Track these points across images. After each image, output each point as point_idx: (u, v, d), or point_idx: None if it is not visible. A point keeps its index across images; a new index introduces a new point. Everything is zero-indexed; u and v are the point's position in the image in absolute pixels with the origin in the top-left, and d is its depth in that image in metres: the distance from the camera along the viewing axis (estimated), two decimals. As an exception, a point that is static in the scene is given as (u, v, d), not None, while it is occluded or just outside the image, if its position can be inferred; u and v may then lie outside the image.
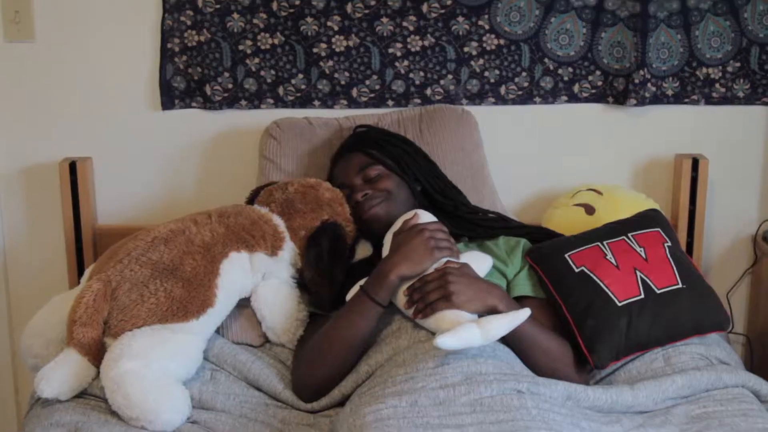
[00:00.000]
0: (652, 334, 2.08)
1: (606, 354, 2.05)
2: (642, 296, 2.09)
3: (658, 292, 2.10)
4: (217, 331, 2.22)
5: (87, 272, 2.22)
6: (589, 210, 2.63)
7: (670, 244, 2.21)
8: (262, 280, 2.24)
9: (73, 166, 2.67)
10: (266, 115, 2.67)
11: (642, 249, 2.17)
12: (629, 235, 2.21)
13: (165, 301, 2.06)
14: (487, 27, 2.69)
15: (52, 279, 2.77)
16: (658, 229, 2.24)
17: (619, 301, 2.08)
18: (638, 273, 2.13)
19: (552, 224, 2.59)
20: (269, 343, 2.27)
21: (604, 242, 2.19)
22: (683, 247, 2.72)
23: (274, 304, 2.22)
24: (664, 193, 2.82)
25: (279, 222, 2.27)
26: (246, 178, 2.67)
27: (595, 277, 2.12)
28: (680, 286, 2.13)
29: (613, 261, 2.16)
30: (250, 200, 2.40)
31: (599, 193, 2.65)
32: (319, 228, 2.27)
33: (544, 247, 2.27)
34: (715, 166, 2.78)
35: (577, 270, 2.14)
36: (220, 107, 2.70)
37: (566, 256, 2.18)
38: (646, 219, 2.31)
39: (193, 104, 2.71)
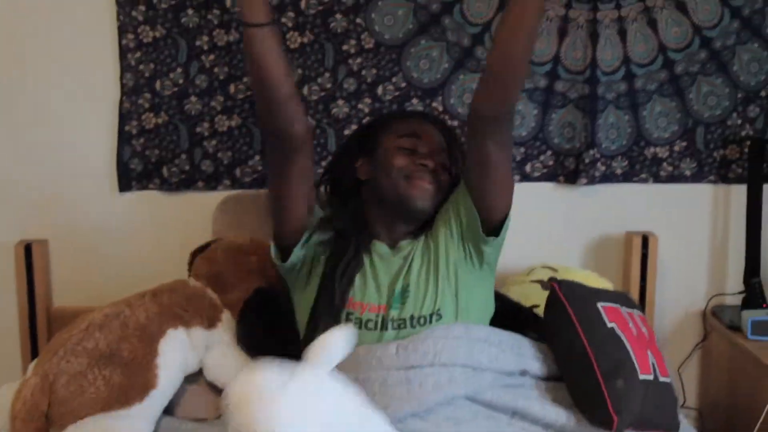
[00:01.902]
0: (655, 418, 1.98)
1: (628, 419, 1.91)
2: (652, 378, 1.99)
3: (660, 380, 2.01)
4: (166, 409, 2.09)
5: (34, 362, 2.11)
6: (545, 286, 2.63)
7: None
8: (207, 353, 2.15)
9: (28, 249, 2.59)
10: (223, 197, 2.60)
11: (646, 330, 2.09)
12: (635, 311, 2.12)
13: (105, 389, 1.96)
14: (441, 108, 2.67)
15: (6, 363, 2.68)
16: (642, 314, 2.17)
17: (640, 374, 1.96)
18: (649, 353, 2.03)
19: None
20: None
21: (623, 308, 2.08)
22: (636, 322, 2.75)
23: (230, 368, 2.12)
24: (615, 270, 2.77)
25: (213, 296, 2.21)
26: None
27: (624, 341, 1.99)
28: (670, 380, 2.06)
29: (634, 331, 2.04)
30: (190, 268, 2.33)
31: (554, 270, 2.66)
32: (250, 299, 2.19)
33: (576, 286, 2.13)
34: (664, 243, 2.75)
35: (609, 325, 2.01)
36: (178, 189, 2.65)
37: (599, 305, 2.05)
38: (630, 299, 2.24)
39: (151, 186, 2.65)
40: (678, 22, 2.68)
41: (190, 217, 2.68)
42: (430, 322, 1.95)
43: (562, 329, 2.01)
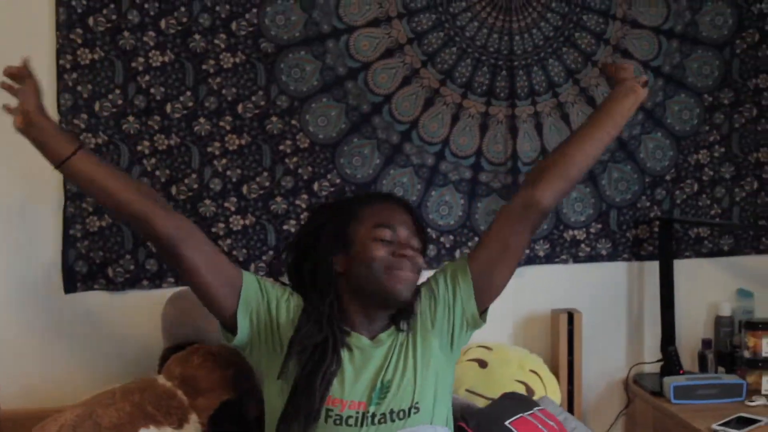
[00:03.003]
0: None
1: None
2: None
3: None
4: None
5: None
6: (482, 364, 2.76)
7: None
8: None
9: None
10: (167, 294, 2.62)
11: (554, 423, 2.21)
12: (535, 410, 2.24)
13: None
14: (372, 200, 2.85)
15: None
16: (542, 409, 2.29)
17: None
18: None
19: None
20: None
21: (527, 414, 2.20)
22: (564, 394, 2.88)
23: None
24: (544, 345, 2.93)
25: (183, 398, 2.23)
26: (152, 352, 2.60)
27: None
28: None
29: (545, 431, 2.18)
30: (161, 365, 2.36)
31: (489, 348, 2.79)
32: (219, 411, 2.22)
33: (482, 416, 2.20)
34: (587, 318, 2.90)
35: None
36: (123, 288, 2.69)
37: (507, 424, 2.15)
38: (527, 400, 2.35)
39: (96, 286, 2.68)
40: (588, 115, 2.89)
41: (136, 314, 2.71)
42: (409, 415, 1.97)
43: None
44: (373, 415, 1.96)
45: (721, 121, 2.98)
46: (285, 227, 2.76)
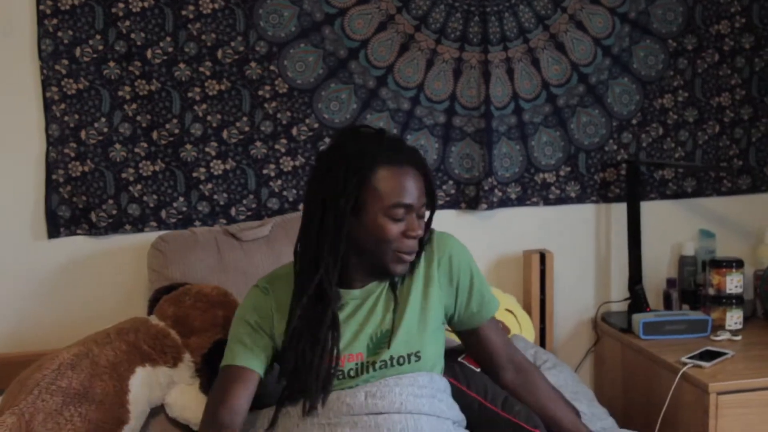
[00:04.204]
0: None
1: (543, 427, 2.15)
2: None
3: None
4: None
5: (-1, 400, 2.16)
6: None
7: None
8: (168, 389, 2.25)
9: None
10: (150, 238, 2.69)
11: None
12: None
13: (82, 425, 2.05)
14: (348, 146, 2.91)
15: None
16: None
17: None
18: None
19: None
20: None
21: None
22: (537, 332, 2.96)
23: (192, 406, 2.21)
24: (516, 286, 3.02)
25: (176, 337, 2.28)
26: (137, 293, 2.71)
27: None
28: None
29: None
30: (151, 306, 2.41)
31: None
32: (212, 350, 2.25)
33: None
34: (557, 259, 3.02)
35: (478, 370, 2.22)
36: (106, 233, 2.73)
37: (460, 360, 2.25)
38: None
39: (79, 231, 2.72)
40: (558, 61, 2.97)
41: (119, 257, 2.76)
42: (409, 362, 2.03)
43: (460, 394, 2.17)
44: (373, 363, 2.01)
45: (684, 66, 3.08)
46: (264, 171, 2.81)
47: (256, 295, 2.08)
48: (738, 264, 2.92)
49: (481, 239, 3.01)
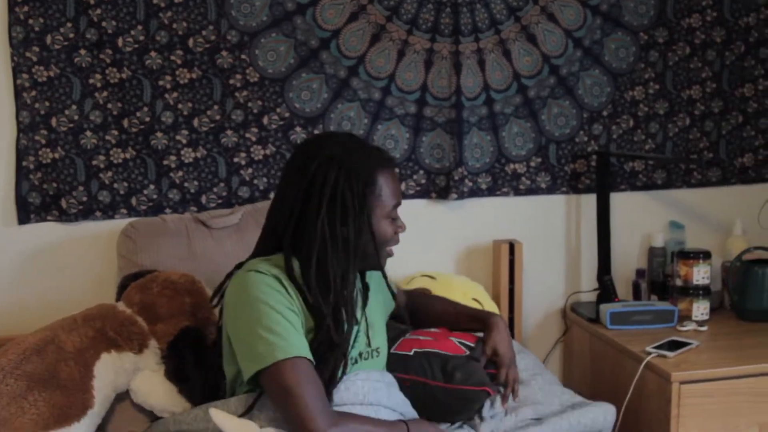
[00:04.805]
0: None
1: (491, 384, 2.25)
2: (468, 352, 2.29)
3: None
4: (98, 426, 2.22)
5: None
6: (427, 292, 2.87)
7: None
8: (134, 376, 2.26)
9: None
10: (120, 225, 2.69)
11: (434, 329, 2.42)
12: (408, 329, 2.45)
13: (46, 410, 2.06)
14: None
15: None
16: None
17: (462, 355, 2.27)
18: (453, 339, 2.33)
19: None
20: (153, 423, 2.26)
21: (407, 336, 2.38)
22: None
23: (157, 393, 2.24)
24: (485, 275, 3.05)
25: (143, 324, 2.30)
26: (107, 279, 2.71)
27: (430, 350, 2.29)
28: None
29: (427, 338, 2.34)
30: (119, 293, 2.42)
31: (433, 278, 2.88)
32: (178, 337, 2.28)
33: None
34: (527, 249, 3.03)
35: (411, 353, 2.29)
36: (76, 219, 2.73)
37: (392, 350, 2.31)
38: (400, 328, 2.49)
39: (49, 218, 2.72)
40: (529, 52, 2.99)
41: (89, 244, 2.77)
42: (372, 357, 2.13)
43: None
44: (352, 359, 2.07)
45: (655, 59, 3.10)
46: (235, 160, 2.83)
47: (272, 282, 1.97)
48: (705, 255, 2.95)
49: (451, 229, 3.03)
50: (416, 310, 2.48)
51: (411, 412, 2.13)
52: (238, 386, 2.06)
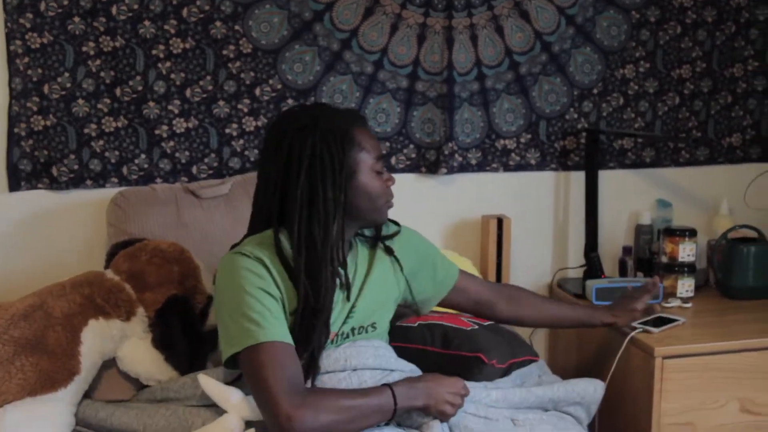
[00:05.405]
0: (505, 350, 2.34)
1: (488, 352, 2.29)
2: (476, 326, 2.37)
3: (485, 324, 2.41)
4: (85, 392, 2.25)
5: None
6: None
7: None
8: (121, 343, 2.28)
9: None
10: (111, 194, 2.70)
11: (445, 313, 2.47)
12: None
13: (33, 374, 2.09)
14: (312, 107, 2.92)
15: None
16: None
17: (466, 328, 2.34)
18: (463, 318, 2.41)
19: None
20: (139, 391, 2.29)
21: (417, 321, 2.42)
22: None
23: (143, 361, 2.26)
24: (473, 250, 3.06)
25: (131, 291, 2.31)
26: (97, 247, 2.72)
27: (434, 322, 2.35)
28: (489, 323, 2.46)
29: (437, 314, 2.42)
30: (108, 261, 2.43)
31: (420, 252, 2.93)
32: (165, 305, 2.30)
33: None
34: (515, 224, 3.05)
35: (415, 324, 2.34)
36: (67, 187, 2.74)
37: (397, 324, 2.36)
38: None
39: (40, 185, 2.72)
40: (521, 29, 3.00)
41: (80, 211, 2.78)
42: (367, 331, 2.15)
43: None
44: (343, 333, 2.11)
45: (647, 37, 3.11)
46: (227, 131, 2.83)
47: (254, 265, 1.97)
48: (691, 233, 2.97)
49: (440, 203, 3.05)
50: (518, 302, 2.50)
51: (408, 369, 2.11)
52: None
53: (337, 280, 2.03)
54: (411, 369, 2.12)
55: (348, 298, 2.09)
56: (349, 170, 2.02)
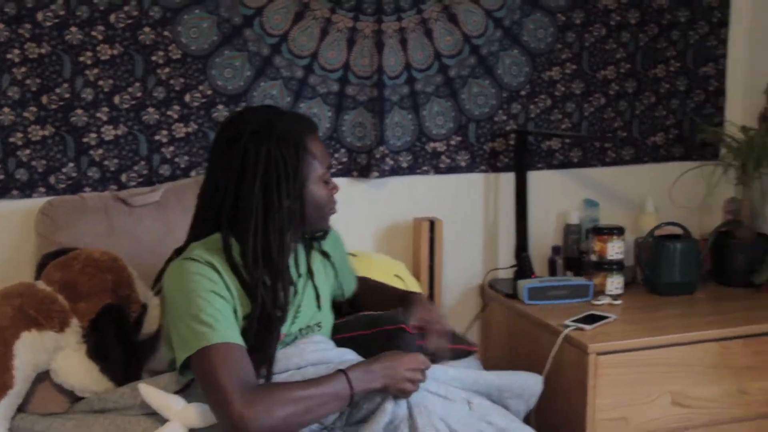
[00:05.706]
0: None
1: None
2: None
3: None
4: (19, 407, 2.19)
5: None
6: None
7: None
8: (55, 355, 2.23)
9: None
10: (38, 204, 2.64)
11: None
12: None
13: None
14: (242, 113, 2.91)
15: None
16: None
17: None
18: None
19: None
20: (75, 403, 2.24)
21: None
22: (426, 298, 3.07)
23: (78, 372, 2.21)
24: (406, 252, 3.08)
25: (64, 302, 2.27)
26: (24, 258, 2.66)
27: (365, 314, 2.34)
28: None
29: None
30: (39, 271, 2.38)
31: (353, 255, 2.92)
32: (100, 315, 2.26)
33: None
34: (446, 227, 3.08)
35: (346, 318, 2.34)
36: (-8, 197, 2.68)
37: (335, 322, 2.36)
38: None
39: (-35, 196, 2.67)
40: (450, 32, 3.02)
41: (6, 223, 2.72)
42: (313, 332, 2.17)
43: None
44: (291, 334, 2.12)
45: (572, 39, 3.17)
46: (157, 138, 2.81)
47: (205, 270, 1.96)
48: (619, 231, 3.03)
49: (372, 207, 3.06)
50: (360, 294, 2.51)
51: (350, 358, 2.10)
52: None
53: (291, 288, 2.04)
54: (353, 358, 2.11)
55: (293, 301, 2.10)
56: (302, 178, 2.02)
